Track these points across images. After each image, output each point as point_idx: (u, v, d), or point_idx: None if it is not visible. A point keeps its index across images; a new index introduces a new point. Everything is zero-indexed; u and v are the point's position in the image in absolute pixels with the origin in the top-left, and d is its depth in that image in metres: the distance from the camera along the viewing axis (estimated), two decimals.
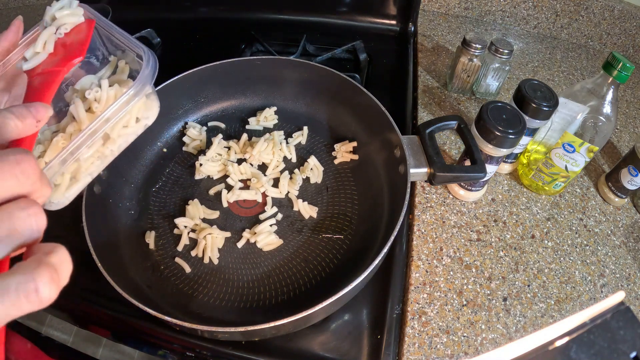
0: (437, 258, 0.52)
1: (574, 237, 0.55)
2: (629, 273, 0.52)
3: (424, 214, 0.56)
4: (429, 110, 0.70)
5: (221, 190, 0.55)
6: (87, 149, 0.35)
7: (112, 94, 0.36)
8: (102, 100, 0.36)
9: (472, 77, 0.69)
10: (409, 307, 0.48)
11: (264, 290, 0.48)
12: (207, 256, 0.50)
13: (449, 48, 0.82)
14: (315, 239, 0.52)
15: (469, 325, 0.47)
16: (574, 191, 0.60)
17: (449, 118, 0.51)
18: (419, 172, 0.48)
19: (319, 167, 0.58)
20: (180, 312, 0.46)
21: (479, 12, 0.89)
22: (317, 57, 0.76)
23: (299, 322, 0.40)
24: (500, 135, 0.48)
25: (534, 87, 0.52)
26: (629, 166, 0.54)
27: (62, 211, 0.61)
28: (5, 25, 0.40)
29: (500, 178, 0.61)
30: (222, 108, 0.66)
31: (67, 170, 0.36)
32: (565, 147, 0.52)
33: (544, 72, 0.79)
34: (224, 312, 0.47)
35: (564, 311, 0.49)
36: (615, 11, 0.79)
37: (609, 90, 0.49)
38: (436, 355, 0.45)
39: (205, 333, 0.42)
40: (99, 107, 0.36)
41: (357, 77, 0.72)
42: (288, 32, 0.85)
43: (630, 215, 0.58)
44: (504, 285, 0.50)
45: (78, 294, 0.51)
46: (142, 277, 0.49)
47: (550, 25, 0.86)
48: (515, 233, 0.55)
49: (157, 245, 0.52)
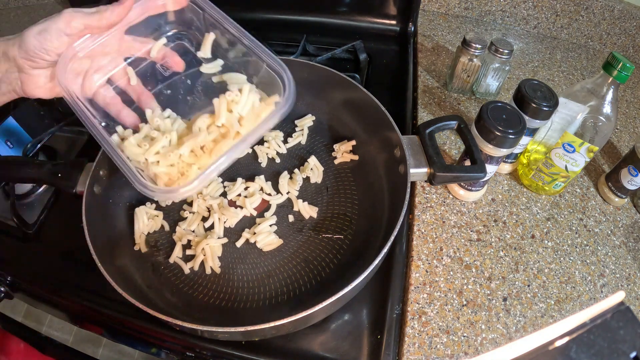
0: (437, 258, 0.52)
1: (574, 237, 0.55)
2: (629, 273, 0.52)
3: (424, 214, 0.56)
4: (429, 110, 0.70)
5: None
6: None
7: (251, 101, 0.39)
8: (241, 104, 0.39)
9: (472, 77, 0.69)
10: (409, 307, 0.48)
11: (264, 290, 0.48)
12: (209, 266, 0.49)
13: (449, 48, 0.82)
14: (315, 239, 0.52)
15: (469, 325, 0.47)
16: (574, 191, 0.60)
17: (449, 118, 0.51)
18: (419, 172, 0.48)
19: (319, 167, 0.58)
20: (180, 312, 0.46)
21: (479, 12, 0.89)
22: (317, 57, 0.76)
23: (299, 322, 0.40)
24: (500, 135, 0.48)
25: (534, 87, 0.52)
26: (629, 166, 0.54)
27: (62, 211, 0.61)
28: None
29: (500, 178, 0.61)
30: None
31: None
32: (565, 147, 0.52)
33: (544, 72, 0.79)
34: (224, 312, 0.47)
35: (564, 311, 0.49)
36: (615, 11, 0.79)
37: (609, 90, 0.49)
38: (436, 355, 0.45)
39: (205, 333, 0.42)
40: (237, 108, 0.39)
41: (357, 77, 0.72)
42: (288, 32, 0.85)
43: (630, 215, 0.58)
44: (504, 285, 0.50)
45: (78, 294, 0.51)
46: (142, 277, 0.49)
47: (550, 25, 0.86)
48: (515, 233, 0.55)
49: (157, 245, 0.52)
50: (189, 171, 0.38)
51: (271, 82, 0.39)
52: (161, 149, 0.39)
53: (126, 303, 0.38)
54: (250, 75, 0.42)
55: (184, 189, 0.34)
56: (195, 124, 0.40)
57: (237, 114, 0.39)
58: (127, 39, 0.41)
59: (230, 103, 0.39)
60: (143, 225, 0.52)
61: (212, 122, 0.39)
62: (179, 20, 0.44)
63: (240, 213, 0.53)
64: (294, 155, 0.60)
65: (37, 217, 0.58)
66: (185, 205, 0.54)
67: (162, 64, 0.43)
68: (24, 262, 0.55)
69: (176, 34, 0.45)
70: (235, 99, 0.39)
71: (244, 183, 0.56)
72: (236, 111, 0.39)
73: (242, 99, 0.39)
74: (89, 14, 0.36)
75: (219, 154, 0.37)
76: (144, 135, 0.40)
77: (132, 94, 0.43)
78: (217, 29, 0.42)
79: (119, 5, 0.37)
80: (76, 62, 0.38)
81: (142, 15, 0.40)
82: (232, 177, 0.57)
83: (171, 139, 0.40)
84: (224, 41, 0.43)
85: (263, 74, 0.40)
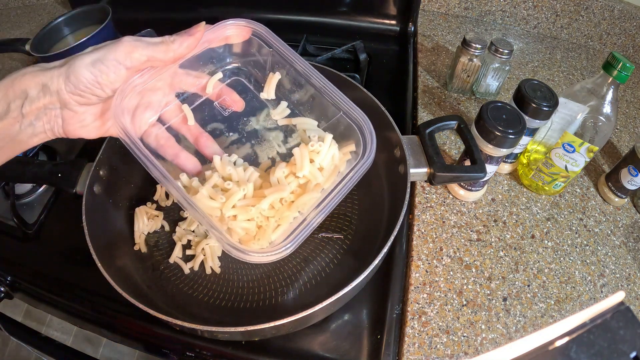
0: (437, 258, 0.52)
1: (574, 237, 0.55)
2: (629, 273, 0.52)
3: (424, 214, 0.56)
4: (429, 110, 0.70)
5: None
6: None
7: (332, 152, 0.37)
8: (322, 154, 0.37)
9: (472, 77, 0.69)
10: (409, 307, 0.48)
11: (264, 290, 0.48)
12: (209, 266, 0.49)
13: (449, 48, 0.82)
14: (315, 238, 0.52)
15: (469, 325, 0.47)
16: (574, 191, 0.60)
17: (449, 118, 0.51)
18: (419, 172, 0.48)
19: None
20: (180, 312, 0.46)
21: (479, 12, 0.89)
22: (317, 57, 0.76)
23: (299, 322, 0.40)
24: (500, 135, 0.48)
25: (534, 87, 0.52)
26: (629, 166, 0.54)
27: (62, 211, 0.61)
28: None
29: (500, 178, 0.61)
30: None
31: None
32: (565, 147, 0.52)
33: (544, 72, 0.79)
34: (224, 312, 0.47)
35: (564, 311, 0.49)
36: (615, 11, 0.79)
37: (609, 90, 0.49)
38: (436, 355, 0.45)
39: (205, 333, 0.42)
40: (318, 158, 0.37)
41: (357, 77, 0.72)
42: (288, 32, 0.85)
43: (630, 215, 0.58)
44: (504, 285, 0.50)
45: (78, 294, 0.51)
46: (142, 277, 0.49)
47: (550, 25, 0.86)
48: (515, 233, 0.55)
49: (157, 245, 0.52)
50: (267, 225, 0.36)
51: (340, 127, 0.37)
52: (237, 201, 0.36)
53: (126, 303, 0.38)
54: (318, 119, 0.40)
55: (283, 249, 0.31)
56: (274, 174, 0.37)
57: (317, 164, 0.37)
58: (179, 72, 0.37)
59: (311, 153, 0.37)
60: (143, 225, 0.52)
61: (290, 172, 0.37)
62: (237, 54, 0.40)
63: None
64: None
65: (37, 217, 0.58)
66: None
67: (220, 102, 0.39)
68: (24, 262, 0.55)
69: (233, 68, 0.41)
70: (316, 149, 0.37)
71: None
72: (317, 162, 0.37)
73: (323, 149, 0.37)
74: (153, 45, 0.31)
75: (298, 207, 0.35)
76: (213, 184, 0.37)
77: (188, 136, 0.38)
78: (282, 67, 0.38)
79: (188, 36, 0.32)
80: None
81: (202, 46, 0.36)
82: None
83: (247, 191, 0.37)
84: (288, 80, 0.39)
85: (334, 120, 0.38)
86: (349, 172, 0.35)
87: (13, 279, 0.54)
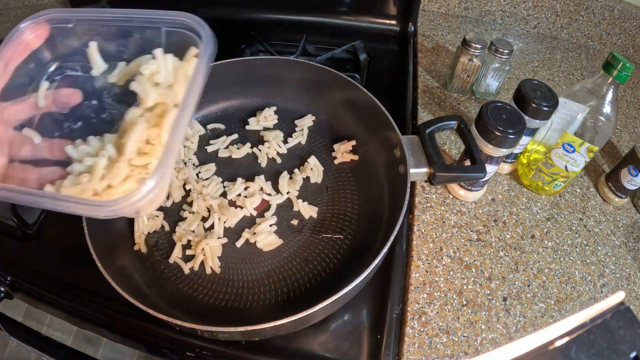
0: (437, 258, 0.52)
1: (574, 237, 0.55)
2: (629, 273, 0.52)
3: (424, 214, 0.56)
4: (429, 110, 0.70)
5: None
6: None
7: (170, 62, 0.33)
8: (161, 70, 0.33)
9: (472, 77, 0.69)
10: (409, 307, 0.48)
11: (264, 290, 0.48)
12: (209, 266, 0.49)
13: (449, 48, 0.82)
14: (315, 239, 0.52)
15: (469, 325, 0.47)
16: (574, 191, 0.60)
17: (449, 118, 0.51)
18: (419, 172, 0.48)
19: (319, 167, 0.58)
20: (180, 312, 0.46)
21: (479, 12, 0.89)
22: (317, 57, 0.76)
23: (299, 322, 0.40)
24: (500, 135, 0.48)
25: (534, 87, 0.52)
26: (629, 166, 0.54)
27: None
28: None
29: (500, 178, 0.61)
30: (222, 108, 0.66)
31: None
32: (565, 147, 0.52)
33: (544, 72, 0.79)
34: (224, 312, 0.47)
35: (564, 311, 0.49)
36: (615, 11, 0.79)
37: (609, 90, 0.49)
38: (436, 355, 0.45)
39: (205, 333, 0.42)
40: (161, 77, 0.33)
41: (357, 77, 0.72)
42: (288, 32, 0.85)
43: (630, 215, 0.58)
44: (504, 285, 0.50)
45: (78, 294, 0.51)
46: (142, 277, 0.49)
47: (550, 25, 0.86)
48: (515, 233, 0.55)
49: (157, 245, 0.52)
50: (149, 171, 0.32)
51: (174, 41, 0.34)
52: (104, 170, 0.32)
53: (126, 303, 0.38)
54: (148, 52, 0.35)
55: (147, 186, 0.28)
56: (126, 121, 0.33)
57: (163, 83, 0.33)
58: (5, 105, 0.34)
59: (151, 77, 0.33)
60: (143, 225, 0.52)
61: (144, 108, 0.33)
62: (50, 53, 0.36)
63: (240, 213, 0.53)
64: (294, 155, 0.60)
65: (37, 217, 0.58)
66: (185, 205, 0.54)
67: (56, 107, 0.36)
68: (24, 262, 0.55)
69: (56, 69, 0.37)
70: (152, 70, 0.33)
71: (244, 183, 0.56)
72: (163, 81, 0.33)
73: (159, 64, 0.33)
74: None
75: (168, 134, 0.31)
76: (78, 173, 0.33)
77: (45, 153, 0.36)
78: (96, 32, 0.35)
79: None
80: None
81: (9, 68, 0.33)
82: (232, 177, 0.57)
83: (109, 154, 0.33)
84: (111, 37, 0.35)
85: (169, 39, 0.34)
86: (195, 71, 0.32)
87: (13, 279, 0.54)
